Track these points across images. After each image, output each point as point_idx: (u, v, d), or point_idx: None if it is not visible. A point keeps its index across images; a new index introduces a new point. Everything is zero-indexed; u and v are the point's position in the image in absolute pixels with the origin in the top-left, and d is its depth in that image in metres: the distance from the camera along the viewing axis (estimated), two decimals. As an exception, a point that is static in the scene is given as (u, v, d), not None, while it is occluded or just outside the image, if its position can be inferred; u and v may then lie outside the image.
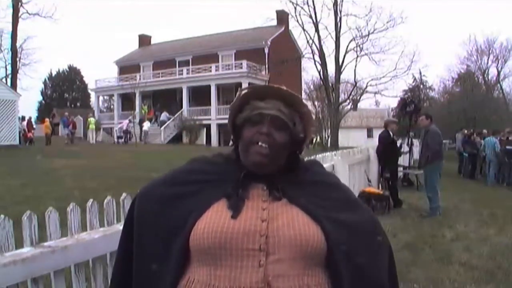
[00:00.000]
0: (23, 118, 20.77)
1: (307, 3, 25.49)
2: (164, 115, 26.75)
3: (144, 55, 32.97)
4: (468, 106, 29.87)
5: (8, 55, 28.59)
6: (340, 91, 28.43)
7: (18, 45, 28.02)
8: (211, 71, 26.87)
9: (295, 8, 25.83)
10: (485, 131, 14.86)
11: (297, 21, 26.13)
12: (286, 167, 1.13)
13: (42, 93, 50.60)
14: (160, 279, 1.04)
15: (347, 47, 26.37)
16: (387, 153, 7.85)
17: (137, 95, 27.48)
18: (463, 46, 56.55)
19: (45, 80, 50.50)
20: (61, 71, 51.86)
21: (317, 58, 25.81)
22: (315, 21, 25.53)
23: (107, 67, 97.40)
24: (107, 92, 32.15)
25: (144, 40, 35.94)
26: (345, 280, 1.01)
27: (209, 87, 26.29)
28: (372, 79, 27.09)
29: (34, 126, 22.91)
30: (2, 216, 1.35)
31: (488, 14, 77.72)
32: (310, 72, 41.98)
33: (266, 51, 27.49)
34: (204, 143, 25.26)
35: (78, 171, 10.45)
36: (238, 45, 28.61)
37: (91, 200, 1.69)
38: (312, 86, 33.57)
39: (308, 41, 25.81)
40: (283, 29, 29.31)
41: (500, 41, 38.45)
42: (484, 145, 12.81)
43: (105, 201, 1.75)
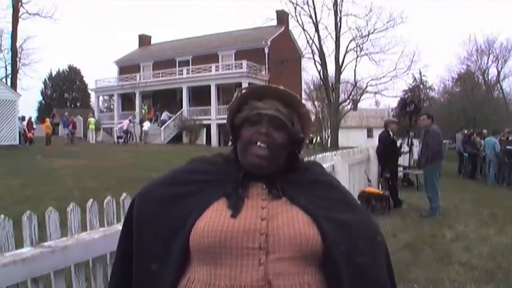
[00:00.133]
0: (23, 118, 20.74)
1: (307, 3, 25.54)
2: (165, 114, 26.73)
3: (144, 55, 32.95)
4: (468, 106, 29.89)
5: (8, 55, 28.66)
6: (340, 91, 28.44)
7: (18, 45, 28.04)
8: (211, 71, 26.87)
9: (295, 8, 25.89)
10: (485, 131, 14.85)
11: (297, 21, 26.19)
12: (286, 167, 1.13)
13: (42, 93, 50.67)
14: (160, 279, 1.04)
15: (347, 47, 26.43)
16: (387, 153, 7.85)
17: (137, 95, 27.44)
18: (463, 46, 56.56)
19: (45, 80, 50.65)
20: (61, 71, 51.96)
21: (317, 58, 25.87)
22: (315, 21, 25.56)
23: (107, 67, 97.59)
24: (107, 92, 32.14)
25: (144, 40, 35.93)
26: (345, 280, 1.01)
27: (209, 87, 26.29)
28: (372, 79, 27.16)
29: (34, 126, 22.88)
30: (2, 216, 1.35)
31: (488, 14, 77.91)
32: (310, 72, 42.02)
33: (266, 51, 27.48)
34: (204, 143, 25.24)
35: (78, 171, 10.44)
36: (238, 45, 28.61)
37: (91, 200, 1.68)
38: (312, 86, 33.70)
39: (308, 41, 25.87)
40: (283, 29, 29.30)
41: (500, 41, 38.49)
42: (484, 145, 12.80)
43: (105, 201, 1.75)
